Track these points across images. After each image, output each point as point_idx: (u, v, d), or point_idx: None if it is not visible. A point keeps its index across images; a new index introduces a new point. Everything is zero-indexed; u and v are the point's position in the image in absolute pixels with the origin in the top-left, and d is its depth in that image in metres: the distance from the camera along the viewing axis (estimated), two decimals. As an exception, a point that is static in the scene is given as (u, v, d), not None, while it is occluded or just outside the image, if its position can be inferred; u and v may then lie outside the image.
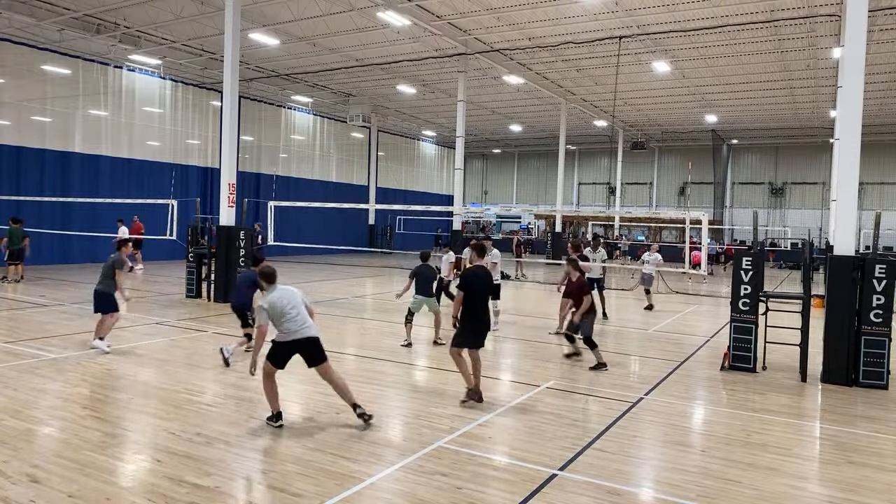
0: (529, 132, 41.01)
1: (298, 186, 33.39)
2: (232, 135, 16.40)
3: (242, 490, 5.04)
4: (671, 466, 5.75)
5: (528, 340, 11.76)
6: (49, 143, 22.89)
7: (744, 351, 9.54)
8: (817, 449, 6.49)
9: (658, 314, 15.48)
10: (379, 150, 40.01)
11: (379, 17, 19.20)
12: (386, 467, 5.49)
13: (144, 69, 25.64)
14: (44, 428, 6.23)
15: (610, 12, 18.79)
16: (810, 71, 24.23)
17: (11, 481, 4.97)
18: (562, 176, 33.33)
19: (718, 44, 21.35)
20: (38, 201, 20.96)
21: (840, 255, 9.22)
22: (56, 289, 16.50)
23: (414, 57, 24.12)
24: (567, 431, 6.57)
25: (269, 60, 25.64)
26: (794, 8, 17.96)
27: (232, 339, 10.82)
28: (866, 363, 8.84)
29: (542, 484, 5.22)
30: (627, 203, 45.19)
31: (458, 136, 25.18)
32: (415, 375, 9.08)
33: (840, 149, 9.89)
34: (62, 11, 19.66)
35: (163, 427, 6.34)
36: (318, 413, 6.98)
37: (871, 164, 36.63)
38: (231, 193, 15.70)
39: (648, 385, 8.60)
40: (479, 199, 52.38)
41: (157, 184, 26.01)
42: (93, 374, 8.23)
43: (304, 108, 34.27)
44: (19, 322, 11.92)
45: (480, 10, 19.15)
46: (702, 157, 41.01)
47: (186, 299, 15.46)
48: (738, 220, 41.42)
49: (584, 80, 27.32)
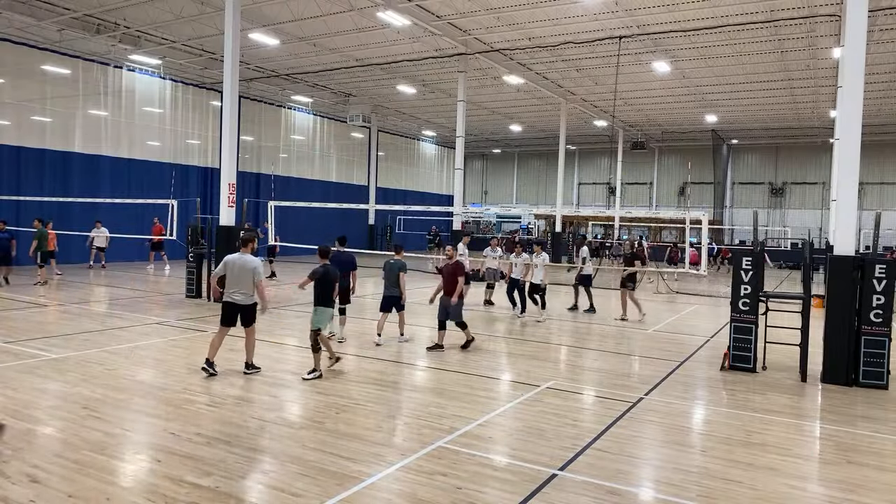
0: (529, 132, 41.01)
1: (298, 186, 33.37)
2: (232, 135, 16.40)
3: (242, 490, 5.04)
4: (671, 466, 5.75)
5: (528, 340, 11.76)
6: (49, 143, 22.88)
7: (744, 351, 9.55)
8: (817, 449, 6.49)
9: (658, 314, 15.48)
10: (379, 150, 40.00)
11: (379, 17, 19.20)
12: (386, 467, 5.48)
13: (144, 69, 25.64)
14: (44, 428, 6.23)
15: (610, 12, 18.79)
16: (810, 71, 24.22)
17: (11, 481, 4.97)
18: (562, 176, 33.33)
19: (718, 44, 21.35)
20: (38, 201, 20.97)
21: (840, 255, 9.23)
22: (56, 289, 16.50)
23: (414, 57, 24.12)
24: (567, 431, 6.57)
25: (269, 60, 25.64)
26: (794, 8, 17.95)
27: (232, 339, 10.82)
28: (866, 363, 8.84)
29: (542, 484, 5.22)
30: (627, 203, 45.18)
31: (458, 136, 25.17)
32: (415, 375, 9.08)
33: (840, 149, 9.90)
34: (62, 11, 19.65)
35: (163, 427, 6.34)
36: (318, 413, 6.98)
37: (871, 164, 36.63)
38: (231, 193, 15.71)
39: (648, 385, 8.60)
40: (479, 199, 52.39)
41: (157, 184, 26.01)
42: (93, 374, 8.22)
43: (304, 108, 34.26)
44: (19, 322, 11.92)
45: (480, 10, 19.15)
46: (702, 157, 41.00)
47: (186, 299, 15.46)
48: (738, 220, 41.42)
49: (584, 80, 27.31)
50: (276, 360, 9.35)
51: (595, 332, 13.18)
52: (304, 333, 8.90)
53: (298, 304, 14.82)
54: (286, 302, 15.56)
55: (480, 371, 9.17)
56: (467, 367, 9.42)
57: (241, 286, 8.38)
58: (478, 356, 10.17)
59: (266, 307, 8.69)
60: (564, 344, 11.81)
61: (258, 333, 9.00)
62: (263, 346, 10.38)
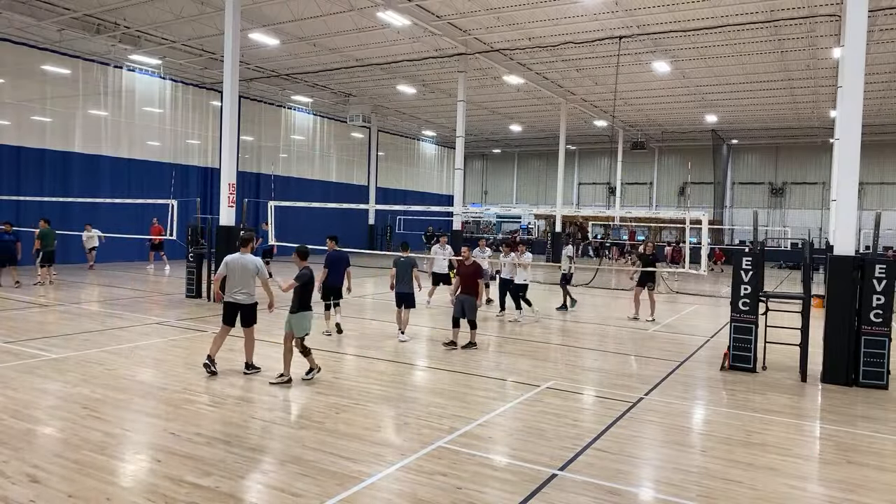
0: (529, 132, 41.00)
1: (298, 186, 33.37)
2: (232, 135, 16.39)
3: (242, 490, 5.03)
4: (671, 466, 5.75)
5: (528, 340, 11.76)
6: (49, 143, 22.88)
7: (744, 351, 9.55)
8: (817, 449, 6.49)
9: (658, 314, 15.47)
10: (379, 150, 39.99)
11: (379, 17, 19.19)
12: (386, 467, 5.48)
13: (144, 69, 25.63)
14: (44, 428, 6.23)
15: (610, 12, 18.78)
16: (810, 71, 24.22)
17: (11, 481, 4.97)
18: (562, 176, 33.32)
19: (718, 44, 21.34)
20: (38, 201, 20.96)
21: (840, 255, 9.23)
22: (56, 289, 16.50)
23: (414, 57, 24.11)
24: (567, 431, 6.57)
25: (269, 60, 25.64)
26: (794, 8, 17.95)
27: (232, 339, 10.82)
28: (866, 363, 8.84)
29: (542, 484, 5.22)
30: (627, 203, 45.17)
31: (458, 136, 25.17)
32: (415, 375, 9.08)
33: (840, 149, 9.90)
34: (62, 11, 19.65)
35: (163, 427, 6.34)
36: (317, 413, 6.98)
37: (871, 164, 36.62)
38: (231, 193, 15.71)
39: (648, 385, 8.60)
40: (479, 199, 52.38)
41: (157, 184, 26.01)
42: (93, 374, 8.22)
43: (304, 108, 34.26)
44: (19, 322, 11.92)
45: (480, 10, 19.14)
46: (702, 157, 40.99)
47: (186, 299, 15.46)
48: (738, 220, 41.41)
49: (584, 80, 27.31)
50: (276, 360, 9.33)
51: (595, 333, 13.18)
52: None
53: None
54: (287, 302, 15.55)
55: (480, 371, 9.18)
56: (467, 367, 9.42)
57: (242, 286, 8.51)
58: (478, 356, 10.18)
59: (273, 304, 8.80)
60: (564, 344, 11.81)
61: (257, 333, 9.00)
62: (263, 346, 10.38)
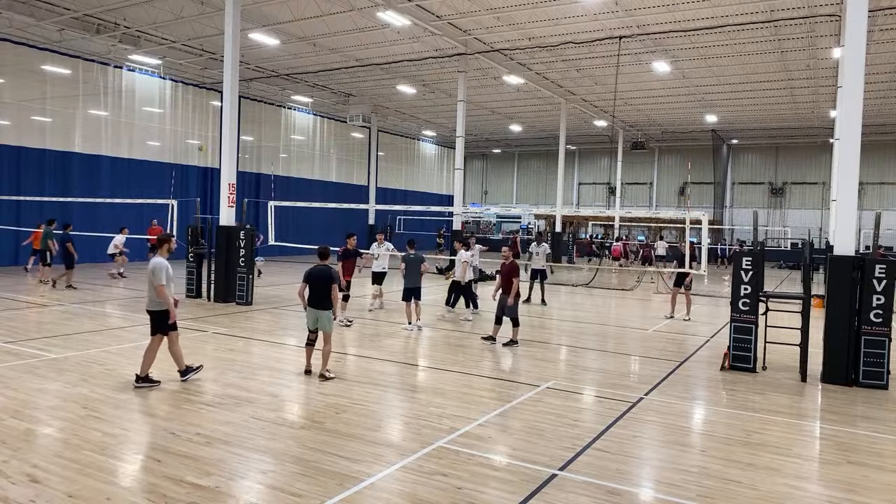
0: (529, 132, 41.01)
1: (298, 186, 33.38)
2: (232, 135, 16.39)
3: (242, 490, 5.04)
4: (671, 466, 5.75)
5: (528, 340, 11.76)
6: (49, 143, 22.88)
7: (744, 351, 9.55)
8: (817, 449, 6.49)
9: (658, 314, 15.49)
10: (379, 150, 39.99)
11: (379, 17, 19.20)
12: (386, 467, 5.48)
13: (144, 69, 25.63)
14: (44, 428, 6.23)
15: (610, 12, 18.79)
16: (810, 71, 24.23)
17: (11, 481, 4.97)
18: (562, 176, 33.33)
19: (718, 44, 21.35)
20: (38, 201, 20.96)
21: (840, 255, 9.23)
22: (56, 289, 16.49)
23: (414, 57, 24.12)
24: (567, 431, 6.57)
25: (269, 60, 25.64)
26: (794, 8, 17.96)
27: (232, 339, 10.83)
28: (866, 363, 8.84)
29: (542, 484, 5.22)
30: (627, 203, 45.19)
31: (458, 136, 25.17)
32: (415, 375, 9.08)
33: (840, 149, 9.90)
34: (62, 11, 19.65)
35: (163, 427, 6.34)
36: (318, 413, 6.98)
37: (871, 164, 36.64)
38: (231, 193, 15.71)
39: (648, 385, 8.60)
40: (479, 199, 52.39)
41: (157, 184, 26.00)
42: (93, 374, 8.23)
43: (304, 108, 34.26)
44: (19, 322, 11.92)
45: (480, 10, 19.15)
46: (702, 157, 41.02)
47: (186, 299, 15.45)
48: (738, 220, 41.42)
49: (584, 80, 27.31)
50: (276, 360, 9.35)
51: (595, 332, 13.19)
52: (303, 333, 8.88)
53: (298, 304, 14.78)
54: (287, 302, 15.57)
55: (480, 371, 9.18)
56: (467, 367, 9.43)
57: (149, 291, 7.81)
58: (478, 356, 10.18)
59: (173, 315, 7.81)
60: (564, 344, 11.81)
61: (257, 333, 8.99)
62: (263, 346, 10.40)
